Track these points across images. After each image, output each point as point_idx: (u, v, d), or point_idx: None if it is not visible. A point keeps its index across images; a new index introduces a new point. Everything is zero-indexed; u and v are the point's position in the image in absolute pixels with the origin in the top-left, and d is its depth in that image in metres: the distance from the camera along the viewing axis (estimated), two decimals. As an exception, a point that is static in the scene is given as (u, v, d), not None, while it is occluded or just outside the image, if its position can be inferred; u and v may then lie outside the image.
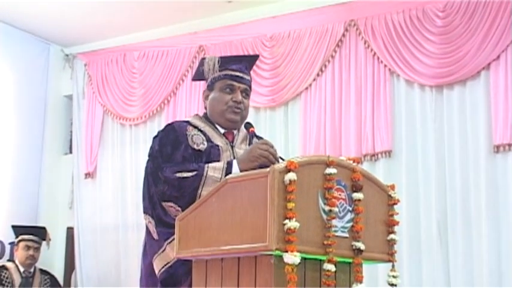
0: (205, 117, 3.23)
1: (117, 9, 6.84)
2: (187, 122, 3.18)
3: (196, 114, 3.31)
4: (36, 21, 7.20)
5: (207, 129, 3.15)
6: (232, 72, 3.14)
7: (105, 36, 7.48)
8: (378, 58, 5.95)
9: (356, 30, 6.11)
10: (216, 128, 3.18)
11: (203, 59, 3.23)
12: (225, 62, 3.17)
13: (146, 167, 3.04)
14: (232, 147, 3.13)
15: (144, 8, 6.77)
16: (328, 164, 2.50)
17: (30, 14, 7.01)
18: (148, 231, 2.99)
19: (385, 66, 5.91)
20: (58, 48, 7.86)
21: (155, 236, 2.92)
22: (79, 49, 7.82)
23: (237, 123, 3.19)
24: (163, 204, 2.88)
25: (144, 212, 2.98)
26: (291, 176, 2.32)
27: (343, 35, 6.17)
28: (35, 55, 7.62)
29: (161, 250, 2.88)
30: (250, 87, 3.21)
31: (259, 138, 3.24)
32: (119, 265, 7.11)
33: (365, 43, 6.04)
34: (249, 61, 3.30)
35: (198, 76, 3.32)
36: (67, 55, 7.92)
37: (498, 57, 5.43)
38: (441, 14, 5.71)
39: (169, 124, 3.20)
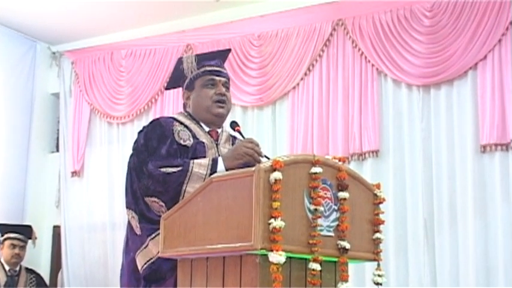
0: (190, 115, 3.24)
1: (105, 7, 6.82)
2: (173, 118, 3.20)
3: (181, 112, 3.32)
4: (23, 19, 7.16)
5: (192, 126, 3.16)
6: (210, 67, 3.20)
7: (92, 34, 7.46)
8: (366, 58, 5.96)
9: (344, 30, 6.12)
10: (201, 125, 3.19)
11: (180, 58, 3.26)
12: (201, 59, 3.22)
13: (129, 162, 3.04)
14: (217, 145, 3.15)
15: (132, 6, 6.76)
16: (314, 163, 2.50)
17: (17, 11, 6.98)
18: (130, 227, 2.99)
19: (373, 65, 5.92)
20: (45, 45, 7.82)
21: (138, 231, 2.92)
22: (66, 47, 7.78)
23: (223, 116, 3.22)
24: (147, 199, 2.88)
25: (127, 207, 2.98)
26: (277, 175, 2.32)
27: (331, 35, 6.17)
28: (22, 52, 7.58)
29: (144, 246, 2.87)
30: (228, 80, 3.26)
31: (243, 137, 3.25)
32: (106, 264, 7.08)
33: (353, 42, 6.04)
34: (222, 55, 3.36)
35: (174, 81, 3.38)
36: (54, 53, 7.88)
37: (485, 57, 5.45)
38: (429, 13, 5.72)
39: (155, 119, 3.22)
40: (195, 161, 2.90)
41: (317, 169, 2.49)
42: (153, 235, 2.81)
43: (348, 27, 6.07)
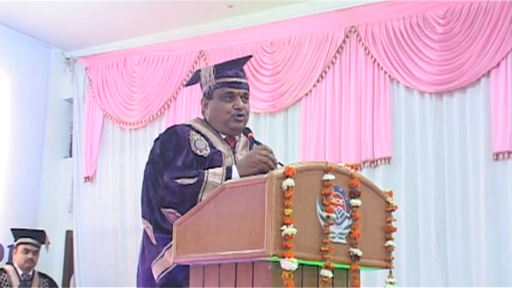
0: (206, 122, 3.19)
1: (118, 14, 6.85)
2: (190, 125, 3.14)
3: (198, 118, 3.26)
4: (38, 25, 7.21)
5: (209, 134, 3.12)
6: (229, 79, 3.11)
7: (106, 40, 7.50)
8: (378, 65, 5.96)
9: (356, 37, 6.12)
10: (218, 133, 3.15)
11: (198, 71, 3.20)
12: (220, 69, 3.14)
13: (145, 170, 3.00)
14: (234, 153, 3.11)
15: (145, 13, 6.78)
16: (326, 170, 2.50)
17: (31, 18, 7.03)
18: (146, 236, 2.97)
19: (385, 72, 5.92)
20: (59, 51, 7.88)
21: (153, 241, 2.91)
22: (80, 53, 7.83)
23: (241, 130, 3.17)
24: (163, 210, 2.85)
25: (143, 217, 2.96)
26: (289, 182, 2.32)
27: (344, 41, 6.17)
28: (36, 58, 7.63)
29: (160, 256, 2.86)
30: (248, 89, 3.19)
31: (258, 143, 3.24)
32: (118, 269, 7.11)
33: (365, 49, 6.05)
34: (242, 63, 3.28)
35: (192, 82, 3.33)
36: (68, 59, 7.94)
37: (498, 64, 5.44)
38: (441, 21, 5.71)
39: (171, 127, 3.15)
40: (210, 170, 2.87)
41: (329, 176, 2.49)
42: (169, 245, 2.78)
43: (361, 34, 6.08)
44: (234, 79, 3.13)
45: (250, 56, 3.45)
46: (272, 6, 6.55)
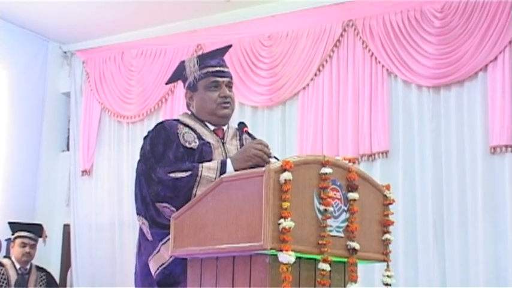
0: (194, 115, 3.21)
1: (116, 7, 6.84)
2: (178, 120, 3.17)
3: (185, 113, 3.29)
4: (35, 18, 7.20)
5: (197, 126, 3.14)
6: (212, 68, 3.15)
7: (103, 34, 7.48)
8: (376, 58, 5.96)
9: (354, 31, 6.12)
10: (206, 125, 3.17)
11: (182, 62, 3.22)
12: (203, 59, 3.18)
13: (137, 168, 3.02)
14: (223, 143, 3.13)
15: (143, 6, 6.77)
16: (324, 164, 2.51)
17: (28, 11, 7.01)
18: (142, 232, 2.98)
19: (383, 66, 5.92)
20: (56, 45, 7.86)
21: (149, 237, 2.91)
22: (77, 46, 7.82)
23: (229, 117, 3.20)
24: (157, 205, 2.86)
25: (137, 213, 2.96)
26: (286, 175, 2.33)
27: (341, 35, 6.17)
28: (33, 52, 7.62)
29: (156, 251, 2.87)
30: (231, 78, 3.23)
31: (252, 137, 3.25)
32: (114, 263, 7.12)
33: (363, 43, 6.04)
34: (223, 53, 3.31)
35: (174, 79, 3.35)
36: (65, 52, 7.92)
37: (496, 58, 5.44)
38: (439, 14, 5.71)
39: (159, 123, 3.18)
40: (204, 164, 2.89)
41: (327, 170, 2.50)
42: (165, 240, 2.80)
43: (358, 28, 6.08)
44: (217, 68, 3.17)
45: (230, 46, 3.45)
46: (270, 0, 6.55)
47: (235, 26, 6.75)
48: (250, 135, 3.25)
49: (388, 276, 2.83)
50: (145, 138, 3.12)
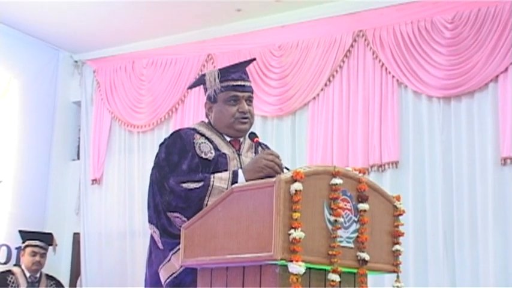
0: (211, 125, 3.20)
1: (127, 17, 6.87)
2: (194, 129, 3.15)
3: (202, 121, 3.28)
4: (46, 28, 7.23)
5: (213, 137, 3.12)
6: (233, 82, 3.12)
7: (114, 43, 7.52)
8: (386, 69, 5.95)
9: (364, 41, 6.12)
10: (223, 136, 3.16)
11: (203, 75, 3.20)
12: (224, 73, 3.14)
13: (151, 175, 3.02)
14: (239, 155, 3.12)
15: (154, 16, 6.80)
16: (334, 174, 2.51)
17: (40, 20, 7.05)
18: (153, 241, 2.98)
19: (393, 77, 5.91)
20: (67, 54, 7.90)
21: (160, 245, 2.92)
22: (88, 56, 7.85)
23: (246, 132, 3.18)
24: (169, 214, 2.86)
25: (149, 222, 2.96)
26: (297, 186, 2.33)
27: (352, 46, 6.17)
28: (44, 61, 7.65)
29: (166, 260, 2.87)
30: (252, 92, 3.20)
31: (264, 147, 3.24)
32: (125, 271, 7.11)
33: (373, 54, 6.04)
34: (245, 66, 3.27)
35: (195, 85, 3.35)
36: (76, 61, 7.96)
37: (506, 69, 5.42)
38: (449, 25, 5.71)
39: (176, 131, 3.16)
40: (216, 175, 2.88)
41: (337, 180, 2.50)
42: (175, 249, 2.80)
43: (369, 39, 6.08)
44: (239, 82, 3.14)
45: (254, 59, 3.45)
46: (280, 10, 6.56)
47: (245, 36, 6.76)
48: (263, 146, 3.23)
49: (398, 287, 2.82)
50: (161, 145, 3.11)
